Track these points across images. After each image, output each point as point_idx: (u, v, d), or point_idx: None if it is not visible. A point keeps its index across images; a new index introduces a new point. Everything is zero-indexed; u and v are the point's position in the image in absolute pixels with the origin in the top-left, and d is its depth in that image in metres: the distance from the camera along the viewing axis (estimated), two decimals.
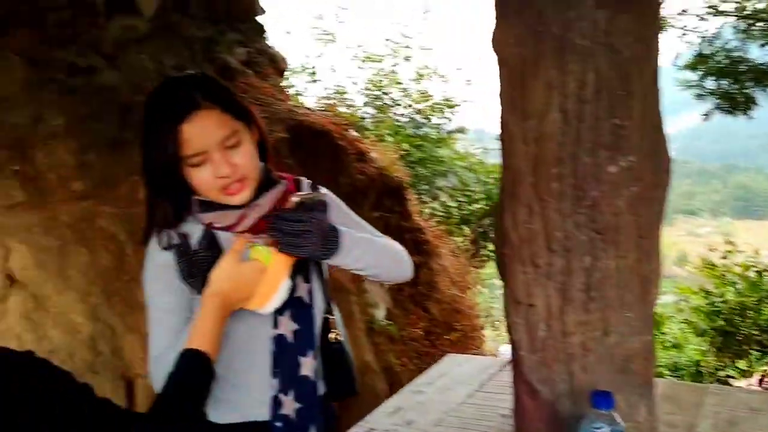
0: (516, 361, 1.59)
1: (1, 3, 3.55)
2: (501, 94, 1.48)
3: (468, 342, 5.75)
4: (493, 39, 1.47)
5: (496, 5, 1.47)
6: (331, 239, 1.45)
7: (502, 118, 1.49)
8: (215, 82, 1.54)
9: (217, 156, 1.43)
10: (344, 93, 9.08)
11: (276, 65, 5.57)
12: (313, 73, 9.50)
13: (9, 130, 3.38)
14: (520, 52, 1.39)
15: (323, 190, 1.65)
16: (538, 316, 1.49)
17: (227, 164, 1.44)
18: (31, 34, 3.65)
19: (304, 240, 1.41)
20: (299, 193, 1.50)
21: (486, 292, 7.52)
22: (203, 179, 1.45)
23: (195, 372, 1.22)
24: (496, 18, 1.47)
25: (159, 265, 1.50)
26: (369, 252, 1.55)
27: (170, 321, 1.47)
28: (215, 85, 1.51)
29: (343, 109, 7.60)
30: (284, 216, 1.42)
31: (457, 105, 9.11)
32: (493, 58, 1.50)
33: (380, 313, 5.08)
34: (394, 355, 4.96)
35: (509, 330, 1.59)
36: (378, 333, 4.92)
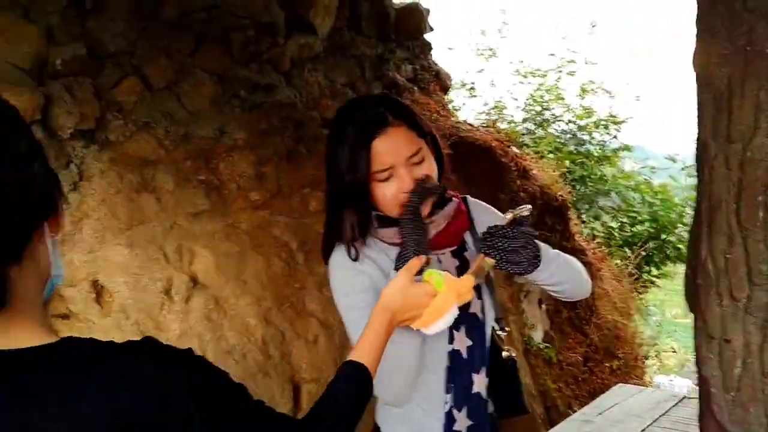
0: (705, 399, 1.48)
1: (193, 24, 3.85)
2: (701, 115, 1.40)
3: (629, 371, 5.48)
4: (694, 58, 1.39)
5: (698, 23, 1.39)
6: (537, 254, 1.44)
7: (701, 140, 1.40)
8: (398, 100, 1.58)
9: (403, 171, 1.46)
10: (503, 108, 9.00)
11: (440, 82, 5.64)
12: (473, 89, 9.49)
13: (196, 143, 3.64)
14: (725, 73, 1.31)
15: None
16: (734, 353, 1.39)
17: (413, 180, 1.46)
18: (218, 52, 3.93)
19: (518, 256, 1.40)
20: (511, 209, 1.49)
21: (648, 319, 7.13)
22: (388, 194, 1.48)
23: (356, 384, 1.22)
24: (698, 36, 1.39)
25: (350, 269, 1.52)
26: (562, 267, 1.53)
27: None
28: (399, 104, 1.56)
29: (503, 126, 7.53)
30: (501, 233, 1.41)
31: (622, 122, 8.72)
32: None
33: (538, 335, 4.96)
34: (551, 378, 4.83)
35: (698, 365, 1.49)
36: (535, 355, 4.82)
